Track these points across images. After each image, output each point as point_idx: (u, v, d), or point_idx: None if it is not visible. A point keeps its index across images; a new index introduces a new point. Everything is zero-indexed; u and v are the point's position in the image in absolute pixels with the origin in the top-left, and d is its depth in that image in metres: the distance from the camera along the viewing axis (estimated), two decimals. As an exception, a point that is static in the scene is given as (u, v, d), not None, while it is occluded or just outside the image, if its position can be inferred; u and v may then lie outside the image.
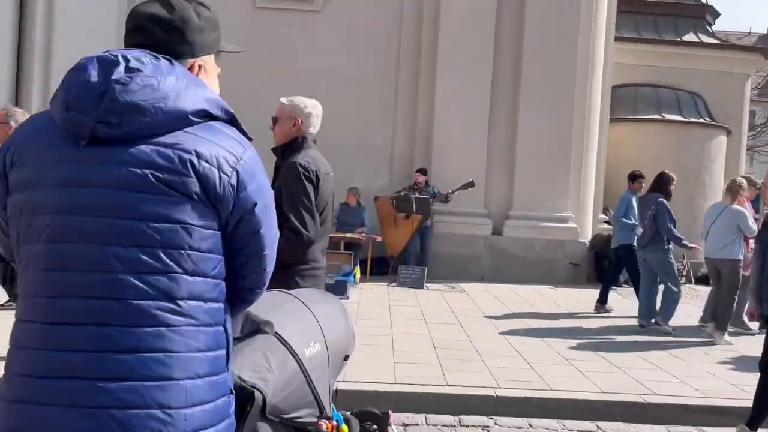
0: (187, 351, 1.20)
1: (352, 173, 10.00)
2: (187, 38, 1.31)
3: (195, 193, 1.21)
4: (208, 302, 1.25)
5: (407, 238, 9.17)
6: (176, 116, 1.22)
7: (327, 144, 9.95)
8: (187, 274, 1.22)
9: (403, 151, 10.24)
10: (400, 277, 8.72)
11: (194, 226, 1.22)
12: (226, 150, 1.25)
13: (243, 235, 1.28)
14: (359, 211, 9.26)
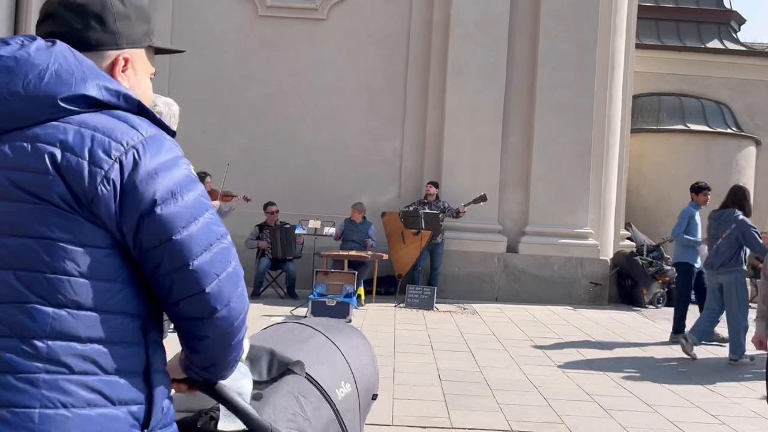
0: (45, 407, 0.93)
1: (358, 188, 9.55)
2: (108, 26, 1.09)
3: (58, 196, 0.95)
4: (91, 343, 0.96)
5: (416, 255, 8.65)
6: (41, 103, 0.98)
7: (333, 157, 9.55)
8: (48, 306, 0.95)
9: (412, 165, 9.77)
10: (408, 298, 8.19)
11: (57, 242, 0.95)
12: (106, 136, 0.98)
13: (150, 247, 0.98)
14: (364, 227, 8.77)
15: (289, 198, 9.52)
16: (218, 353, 1.06)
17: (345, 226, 8.76)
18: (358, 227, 8.74)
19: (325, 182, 9.61)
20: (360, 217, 8.77)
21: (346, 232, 8.73)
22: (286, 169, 9.61)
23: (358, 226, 8.75)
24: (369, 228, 8.75)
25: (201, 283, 0.98)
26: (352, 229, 8.74)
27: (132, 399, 0.99)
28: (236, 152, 9.60)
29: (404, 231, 8.77)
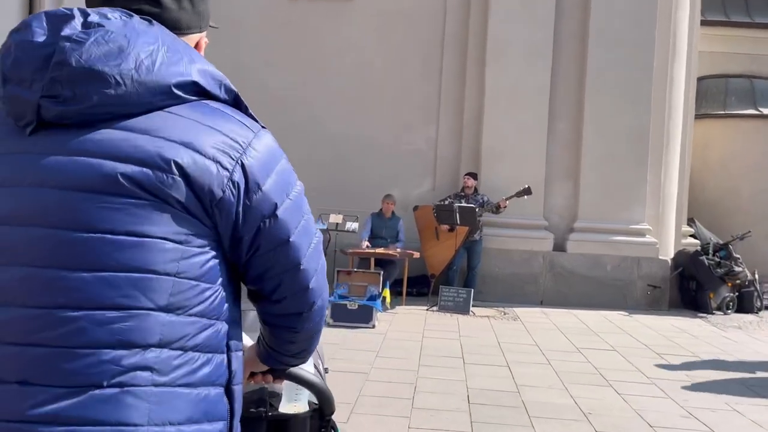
0: (153, 424, 0.87)
1: (389, 181, 8.85)
2: (196, 6, 1.05)
3: (180, 197, 0.89)
4: (194, 352, 0.91)
5: (451, 254, 7.87)
6: (154, 89, 0.91)
7: (361, 148, 8.84)
8: (160, 311, 0.88)
9: (448, 155, 8.98)
10: (442, 300, 7.43)
11: (170, 242, 0.89)
12: (225, 135, 0.94)
13: (267, 251, 0.96)
14: (394, 223, 8.04)
15: (313, 192, 8.82)
16: (311, 340, 1.10)
17: (373, 221, 8.05)
18: (387, 222, 8.02)
19: (353, 175, 8.94)
20: (390, 211, 8.05)
21: (374, 228, 8.02)
22: (311, 162, 8.97)
23: (388, 222, 8.03)
24: (398, 223, 8.02)
25: (308, 280, 1.00)
26: (381, 224, 8.02)
27: (221, 415, 0.95)
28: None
29: (438, 227, 8.02)
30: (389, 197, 8.03)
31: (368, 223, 8.01)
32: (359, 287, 6.57)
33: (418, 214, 8.36)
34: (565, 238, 8.63)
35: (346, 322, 6.14)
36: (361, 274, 6.65)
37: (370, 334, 5.92)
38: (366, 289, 6.55)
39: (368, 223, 8.02)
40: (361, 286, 6.58)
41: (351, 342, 5.55)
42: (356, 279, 6.63)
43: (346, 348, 5.30)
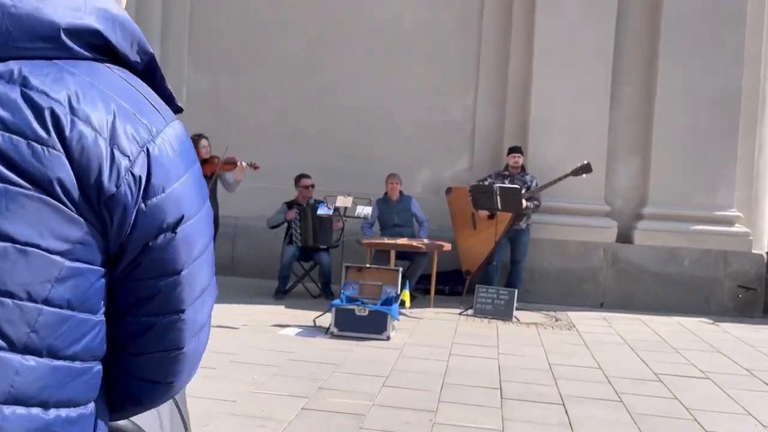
0: None
1: (418, 158, 7.53)
2: None
3: (58, 181, 0.64)
4: (57, 409, 0.66)
5: (490, 245, 6.50)
6: (33, 30, 0.67)
7: (385, 120, 7.44)
8: (15, 352, 0.63)
9: (488, 127, 7.56)
10: (478, 303, 6.08)
11: (52, 254, 0.64)
12: (133, 110, 0.70)
13: (147, 278, 0.71)
14: (404, 204, 6.69)
15: (330, 171, 7.63)
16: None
17: (379, 207, 6.74)
18: (396, 206, 6.69)
19: (376, 152, 7.64)
20: (397, 192, 6.71)
21: (383, 216, 6.71)
22: (329, 136, 7.73)
23: (397, 205, 6.70)
24: (410, 204, 6.69)
25: (183, 339, 0.75)
26: (390, 210, 6.70)
27: None
28: (269, 116, 7.84)
29: (475, 213, 6.65)
30: (393, 176, 6.72)
31: (373, 212, 6.69)
32: (373, 287, 5.29)
33: (452, 197, 7.00)
34: (632, 227, 7.12)
35: (353, 332, 4.88)
36: (375, 271, 5.36)
37: (381, 349, 4.65)
38: (381, 290, 5.27)
39: (374, 211, 6.70)
40: (375, 285, 5.30)
41: (354, 361, 4.29)
42: (370, 277, 5.36)
43: (345, 371, 4.05)
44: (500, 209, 6.12)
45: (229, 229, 7.74)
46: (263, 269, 7.52)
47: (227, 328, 4.99)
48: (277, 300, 6.36)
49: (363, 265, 5.39)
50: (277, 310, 5.87)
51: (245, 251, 7.72)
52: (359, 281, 5.34)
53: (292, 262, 6.47)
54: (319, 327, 5.20)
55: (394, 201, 6.62)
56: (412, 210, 6.65)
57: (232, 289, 6.77)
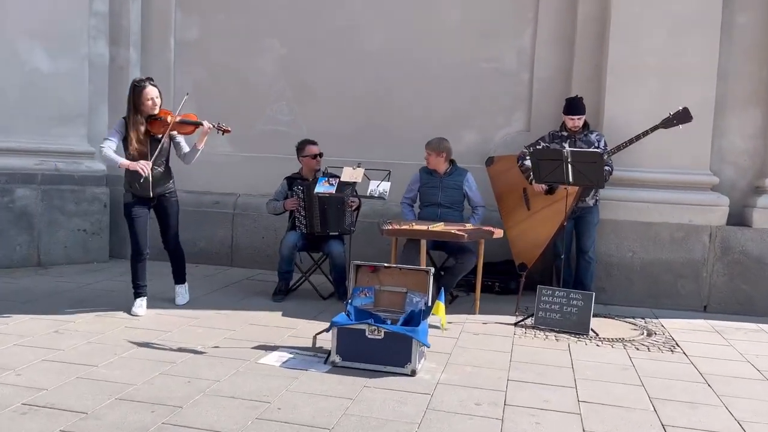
0: None
1: (457, 118, 5.92)
2: None
3: None
4: None
5: (550, 230, 4.89)
6: None
7: (414, 69, 5.19)
8: None
9: (550, 76, 5.84)
10: (541, 310, 4.50)
11: None
12: None
13: None
14: (455, 179, 5.08)
15: (345, 137, 6.12)
16: None
17: (421, 179, 5.16)
18: (440, 180, 5.10)
19: (402, 111, 6.06)
20: (444, 164, 5.11)
21: (424, 192, 5.13)
22: (345, 91, 6.18)
23: (442, 179, 5.10)
24: (462, 179, 5.07)
25: None
26: (432, 182, 5.11)
27: None
28: (272, 66, 6.34)
29: (528, 188, 5.04)
30: (434, 144, 5.05)
31: (414, 183, 5.14)
32: (393, 296, 3.79)
33: (495, 169, 5.39)
34: (749, 205, 5.35)
35: (364, 363, 3.40)
36: (396, 272, 3.82)
37: (402, 393, 3.15)
38: (404, 300, 3.75)
39: (414, 183, 5.14)
40: (395, 292, 3.79)
41: (357, 421, 2.80)
42: (389, 279, 3.84)
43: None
44: (572, 182, 4.46)
45: (228, 209, 6.34)
46: (270, 257, 6.12)
47: (190, 353, 3.58)
48: (276, 302, 4.93)
49: (379, 263, 3.85)
50: (271, 319, 4.43)
51: (246, 236, 6.33)
52: (374, 286, 3.83)
53: (293, 254, 5.00)
54: (319, 350, 3.73)
55: (441, 174, 5.00)
56: (464, 188, 5.04)
57: (227, 286, 5.40)
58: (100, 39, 6.32)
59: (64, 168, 6.03)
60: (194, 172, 5.43)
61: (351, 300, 3.77)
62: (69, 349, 3.57)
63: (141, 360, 3.44)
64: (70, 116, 6.06)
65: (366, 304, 3.78)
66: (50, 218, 5.93)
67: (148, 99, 4.18)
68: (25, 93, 5.81)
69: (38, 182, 5.90)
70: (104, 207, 6.21)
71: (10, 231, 5.74)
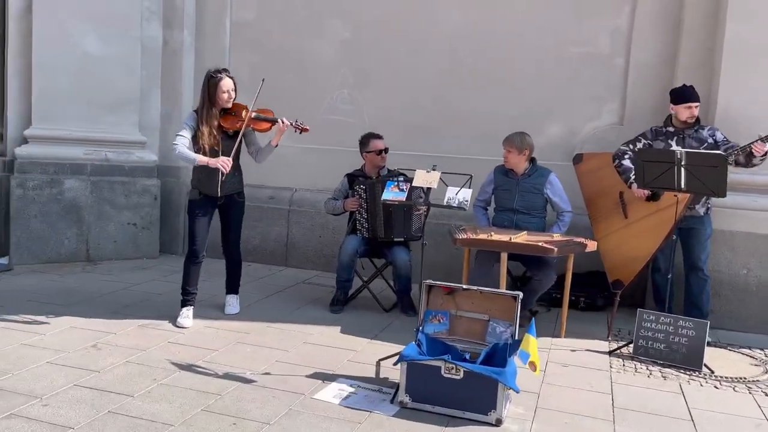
0: None
1: (543, 108, 5.26)
2: None
3: None
4: None
5: (654, 243, 4.18)
6: None
7: (498, 50, 4.80)
8: None
9: (650, 61, 5.08)
10: (642, 338, 3.84)
11: None
12: None
13: None
14: (536, 180, 4.39)
15: (411, 128, 5.55)
16: None
17: (495, 179, 4.50)
18: (518, 182, 4.43)
19: (478, 100, 5.43)
20: (524, 163, 4.43)
21: (498, 195, 4.48)
22: (411, 78, 5.60)
23: (520, 181, 4.44)
24: (544, 181, 4.40)
25: None
26: (508, 184, 4.45)
27: None
28: (333, 50, 5.82)
29: (624, 193, 4.34)
30: (514, 139, 4.36)
31: (487, 184, 4.50)
32: (472, 323, 3.21)
33: (584, 168, 4.70)
34: None
35: (437, 407, 2.86)
36: (476, 295, 3.24)
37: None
38: (485, 329, 3.17)
39: (488, 184, 4.51)
40: (476, 320, 3.21)
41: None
42: (467, 302, 3.26)
43: None
44: (685, 189, 3.75)
45: (283, 204, 5.91)
46: (327, 257, 5.67)
47: (237, 381, 3.13)
48: (333, 314, 4.45)
49: (456, 284, 3.27)
50: (328, 336, 3.95)
51: (302, 234, 5.88)
52: (449, 310, 3.27)
53: (353, 261, 4.49)
54: (384, 382, 3.22)
55: (519, 175, 4.37)
56: (545, 192, 4.39)
57: (281, 291, 4.97)
58: (154, 21, 5.95)
59: (114, 158, 5.72)
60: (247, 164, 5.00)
61: (422, 326, 3.22)
62: (105, 371, 3.19)
63: (182, 390, 3.01)
64: (122, 103, 5.73)
65: (439, 331, 3.23)
66: (99, 211, 5.64)
67: (224, 91, 3.83)
68: (75, 78, 5.51)
69: (87, 173, 5.61)
70: (155, 200, 5.88)
71: (58, 224, 5.48)
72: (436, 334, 3.21)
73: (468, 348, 3.13)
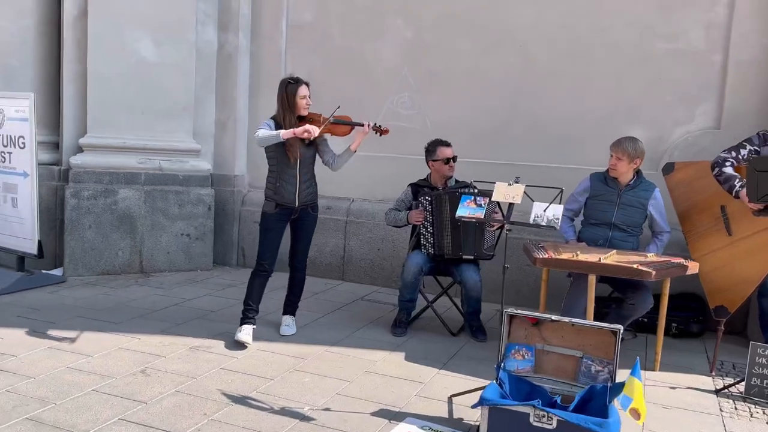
0: None
1: (628, 110, 4.78)
2: None
3: None
4: None
5: (766, 266, 3.64)
6: None
7: (575, 44, 4.23)
8: None
9: (753, 57, 4.51)
10: (754, 376, 3.32)
11: None
12: None
13: None
14: (641, 194, 3.91)
15: (479, 134, 5.16)
16: None
17: (592, 188, 4.02)
18: (618, 193, 3.94)
19: (554, 102, 4.97)
20: (629, 171, 3.94)
21: (592, 205, 4.00)
22: (479, 80, 5.20)
23: (622, 192, 3.94)
24: (648, 196, 3.91)
25: None
26: (606, 194, 3.95)
27: None
28: (394, 50, 5.49)
29: (728, 206, 3.81)
30: (624, 144, 3.89)
31: (582, 195, 4.03)
32: (562, 359, 2.79)
33: (677, 179, 4.18)
34: None
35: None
36: (567, 327, 2.80)
37: None
38: (577, 367, 2.74)
39: (582, 193, 4.03)
40: (567, 356, 2.79)
41: None
42: (556, 336, 2.84)
43: None
44: (807, 205, 3.21)
45: (340, 215, 5.61)
46: (387, 272, 5.35)
47: (294, 418, 2.80)
48: (396, 337, 4.09)
49: (544, 315, 2.85)
50: (392, 364, 3.59)
51: (360, 247, 5.56)
52: (535, 344, 2.85)
53: (418, 280, 4.12)
54: (458, 423, 2.83)
55: (622, 183, 3.92)
56: (648, 209, 3.90)
57: (338, 309, 4.67)
58: (209, 24, 5.77)
59: (167, 167, 5.55)
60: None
61: (503, 362, 2.81)
62: (152, 402, 2.92)
63: (234, 428, 2.71)
64: (176, 110, 5.56)
65: (524, 369, 2.82)
66: (153, 221, 5.48)
67: (302, 97, 3.67)
68: (129, 85, 5.37)
69: (141, 182, 5.46)
70: (208, 210, 5.68)
71: (112, 235, 5.34)
72: (520, 371, 2.80)
73: (558, 389, 2.71)
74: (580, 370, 2.75)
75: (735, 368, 3.78)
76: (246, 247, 5.87)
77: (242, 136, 5.92)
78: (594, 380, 2.68)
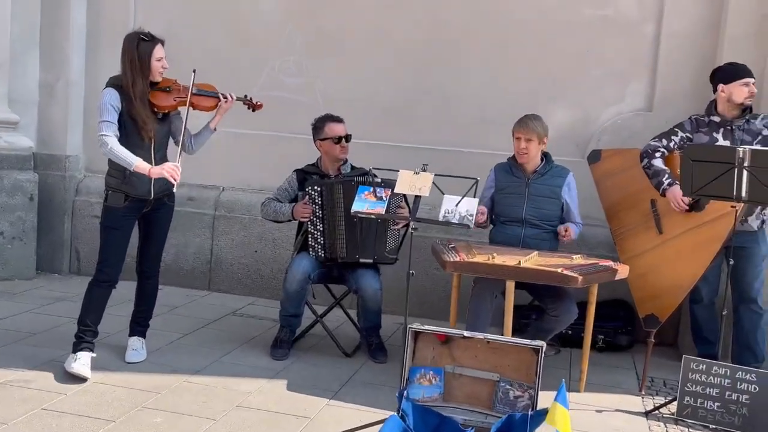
0: None
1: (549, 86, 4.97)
2: None
3: None
4: None
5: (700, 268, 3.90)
6: None
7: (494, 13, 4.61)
8: None
9: (687, 30, 4.82)
10: (687, 394, 3.55)
11: None
12: None
13: None
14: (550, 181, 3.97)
15: (382, 110, 5.17)
16: None
17: (497, 180, 4.09)
18: (527, 182, 4.04)
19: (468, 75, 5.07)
20: (535, 153, 4.04)
21: (500, 201, 4.06)
22: (381, 44, 5.19)
23: (530, 181, 4.04)
24: (563, 181, 4.03)
25: None
26: (514, 186, 4.03)
27: None
28: (276, 4, 5.37)
29: (658, 201, 4.05)
30: (524, 124, 3.99)
31: (488, 190, 4.09)
32: (475, 384, 2.82)
33: (603, 169, 4.42)
34: None
35: None
36: (482, 346, 2.82)
37: None
38: (493, 393, 2.78)
39: (488, 189, 4.09)
40: (481, 379, 2.81)
41: None
42: (469, 356, 2.86)
43: None
44: (747, 199, 3.46)
45: (207, 208, 5.45)
46: (266, 279, 5.25)
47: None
48: (276, 361, 3.99)
49: (454, 331, 2.85)
50: (270, 395, 3.49)
51: (232, 248, 5.42)
52: (443, 367, 2.86)
53: (304, 290, 4.03)
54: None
55: (529, 171, 4.01)
56: (562, 197, 4.02)
57: (203, 327, 4.52)
58: (30, -43, 5.35)
59: (-28, 143, 5.10)
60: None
61: (406, 389, 2.80)
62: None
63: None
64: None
65: (431, 396, 2.82)
66: (-49, 215, 5.01)
67: (158, 59, 3.49)
68: None
69: (-66, 163, 4.97)
70: (30, 200, 5.31)
71: None
72: (427, 400, 2.80)
73: (472, 421, 2.74)
74: (496, 396, 2.79)
75: (666, 385, 4.02)
76: (81, 248, 5.57)
77: (76, 104, 5.60)
78: (513, 408, 2.74)
